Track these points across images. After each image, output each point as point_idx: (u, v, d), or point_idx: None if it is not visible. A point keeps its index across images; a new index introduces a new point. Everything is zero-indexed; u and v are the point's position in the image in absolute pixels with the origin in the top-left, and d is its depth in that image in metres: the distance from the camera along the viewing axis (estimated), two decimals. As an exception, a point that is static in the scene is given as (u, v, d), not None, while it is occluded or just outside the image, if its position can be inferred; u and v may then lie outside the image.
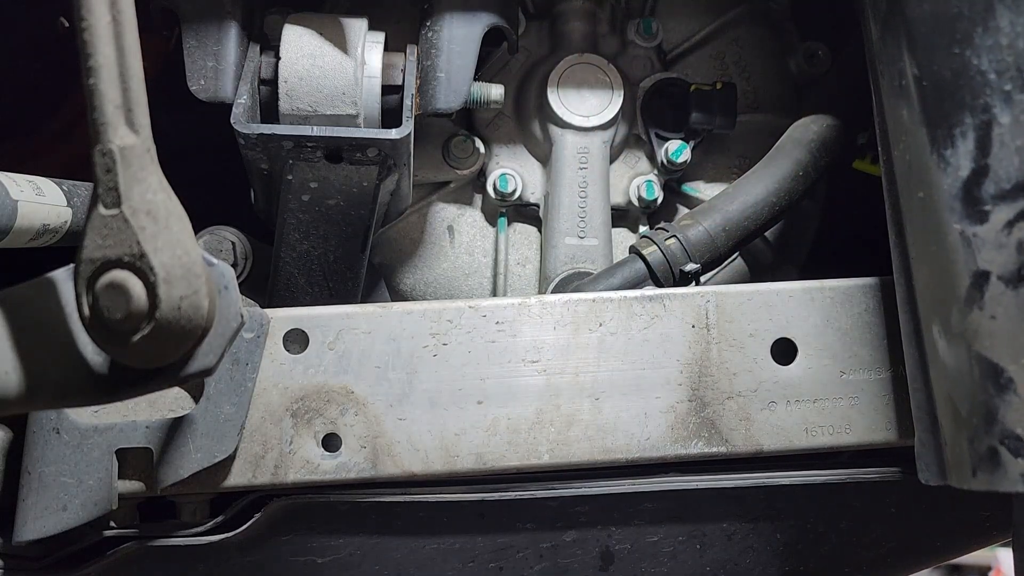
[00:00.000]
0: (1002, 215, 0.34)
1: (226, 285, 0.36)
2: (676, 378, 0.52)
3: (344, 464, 0.50)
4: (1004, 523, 0.57)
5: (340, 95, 0.57)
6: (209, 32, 0.59)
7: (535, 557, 0.53)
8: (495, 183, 0.71)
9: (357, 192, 0.58)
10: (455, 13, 0.62)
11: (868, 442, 0.52)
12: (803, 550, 0.55)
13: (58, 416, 0.48)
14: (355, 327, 0.51)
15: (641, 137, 0.74)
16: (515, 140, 0.74)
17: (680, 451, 0.52)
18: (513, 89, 0.73)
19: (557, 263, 0.69)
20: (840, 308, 0.53)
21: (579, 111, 0.70)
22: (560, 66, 0.71)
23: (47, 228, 0.52)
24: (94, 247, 0.31)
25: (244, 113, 0.56)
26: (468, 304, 0.52)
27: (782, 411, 0.52)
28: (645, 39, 0.74)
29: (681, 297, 0.53)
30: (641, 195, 0.72)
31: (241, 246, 0.65)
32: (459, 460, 0.50)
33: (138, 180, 0.31)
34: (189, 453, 0.48)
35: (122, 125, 0.31)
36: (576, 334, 0.52)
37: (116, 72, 0.31)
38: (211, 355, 0.35)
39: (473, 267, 0.73)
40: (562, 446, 0.51)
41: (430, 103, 0.61)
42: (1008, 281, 0.34)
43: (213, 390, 0.49)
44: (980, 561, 2.49)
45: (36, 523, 0.47)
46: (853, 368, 0.53)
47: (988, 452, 0.36)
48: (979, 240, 0.35)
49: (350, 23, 0.59)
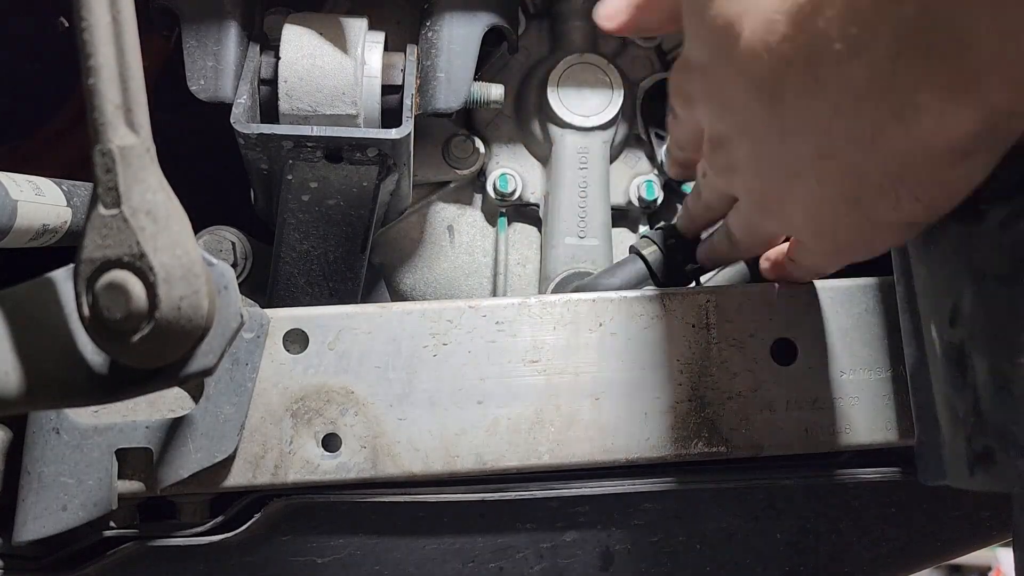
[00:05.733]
0: (999, 213, 0.34)
1: (226, 285, 0.36)
2: (676, 378, 0.52)
3: (344, 464, 0.50)
4: (1004, 523, 0.57)
5: (340, 95, 0.57)
6: (209, 32, 0.59)
7: (535, 557, 0.53)
8: (495, 183, 0.71)
9: (357, 192, 0.58)
10: (455, 13, 0.62)
11: (868, 442, 0.52)
12: (803, 550, 0.55)
13: (58, 416, 0.48)
14: (355, 327, 0.51)
15: (641, 137, 0.74)
16: (515, 140, 0.74)
17: (680, 451, 0.52)
18: (513, 89, 0.74)
19: (557, 263, 0.69)
20: (840, 308, 0.53)
21: (579, 111, 0.70)
22: (560, 66, 0.71)
23: (47, 228, 0.52)
24: (94, 247, 0.31)
25: (244, 113, 0.56)
26: (468, 304, 0.52)
27: (782, 411, 0.52)
28: (645, 39, 0.74)
29: (681, 297, 0.53)
30: (641, 195, 0.72)
31: (241, 246, 0.65)
32: (459, 460, 0.50)
33: (138, 180, 0.31)
34: (189, 453, 0.48)
35: (122, 125, 0.31)
36: (576, 334, 0.52)
37: (116, 72, 0.31)
38: (211, 355, 0.35)
39: (473, 267, 0.73)
40: (562, 446, 0.51)
41: (430, 103, 0.61)
42: (1004, 280, 0.34)
43: (213, 390, 0.49)
44: (980, 561, 2.49)
45: (36, 523, 0.47)
46: (853, 368, 0.53)
47: (985, 451, 0.36)
48: (976, 239, 0.35)
49: (350, 23, 0.59)
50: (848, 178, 0.33)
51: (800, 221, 0.39)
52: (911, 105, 0.29)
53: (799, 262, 0.49)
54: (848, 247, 0.39)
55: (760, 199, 0.41)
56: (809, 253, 0.46)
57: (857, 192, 0.34)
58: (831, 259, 0.43)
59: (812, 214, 0.37)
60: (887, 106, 0.29)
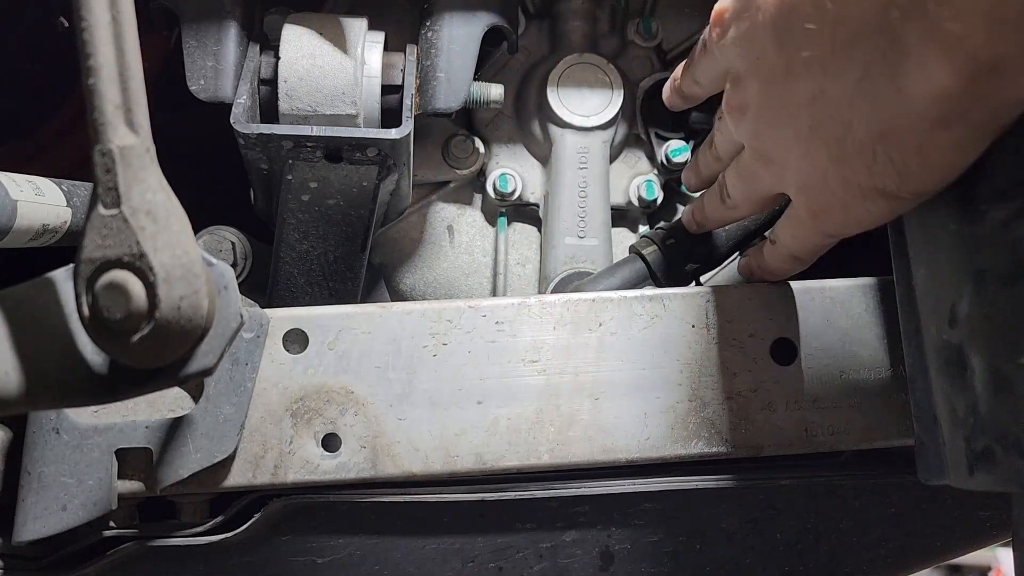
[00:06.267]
0: (998, 214, 0.34)
1: (226, 285, 0.36)
2: (676, 378, 0.52)
3: (344, 464, 0.50)
4: (1004, 523, 0.57)
5: (340, 95, 0.57)
6: (209, 32, 0.59)
7: (535, 557, 0.53)
8: (495, 183, 0.71)
9: (357, 192, 0.58)
10: (455, 13, 0.62)
11: (868, 442, 0.52)
12: (803, 550, 0.55)
13: (58, 416, 0.48)
14: (355, 327, 0.51)
15: (641, 137, 0.74)
16: (515, 140, 0.74)
17: (680, 451, 0.52)
18: (513, 89, 0.74)
19: (557, 263, 0.69)
20: (840, 308, 0.53)
21: (579, 111, 0.70)
22: (560, 66, 0.71)
23: (47, 228, 0.52)
24: (94, 247, 0.31)
25: (244, 113, 0.56)
26: (468, 304, 0.52)
27: (782, 411, 0.52)
28: (645, 39, 0.74)
29: (681, 297, 0.53)
30: (641, 195, 0.72)
31: (241, 246, 0.65)
32: (459, 460, 0.50)
33: (138, 180, 0.31)
34: (189, 453, 0.48)
35: (122, 125, 0.31)
36: (576, 334, 0.52)
37: (116, 72, 0.31)
38: (211, 355, 0.35)
39: (473, 267, 0.73)
40: (562, 446, 0.51)
41: (430, 103, 0.61)
42: (1004, 280, 0.34)
43: (213, 390, 0.49)
44: (980, 561, 2.49)
45: (36, 523, 0.47)
46: (853, 368, 0.53)
47: (985, 451, 0.36)
48: (975, 239, 0.35)
49: (350, 23, 0.59)
50: (835, 125, 0.36)
51: (789, 172, 0.43)
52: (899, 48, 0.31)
53: (779, 241, 0.50)
54: (825, 212, 0.42)
55: (760, 144, 0.44)
56: (789, 224, 0.48)
57: (841, 146, 0.37)
58: (809, 228, 0.45)
59: (800, 166, 0.41)
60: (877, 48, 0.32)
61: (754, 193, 0.49)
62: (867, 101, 0.34)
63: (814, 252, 0.48)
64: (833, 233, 0.44)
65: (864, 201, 0.38)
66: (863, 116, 0.35)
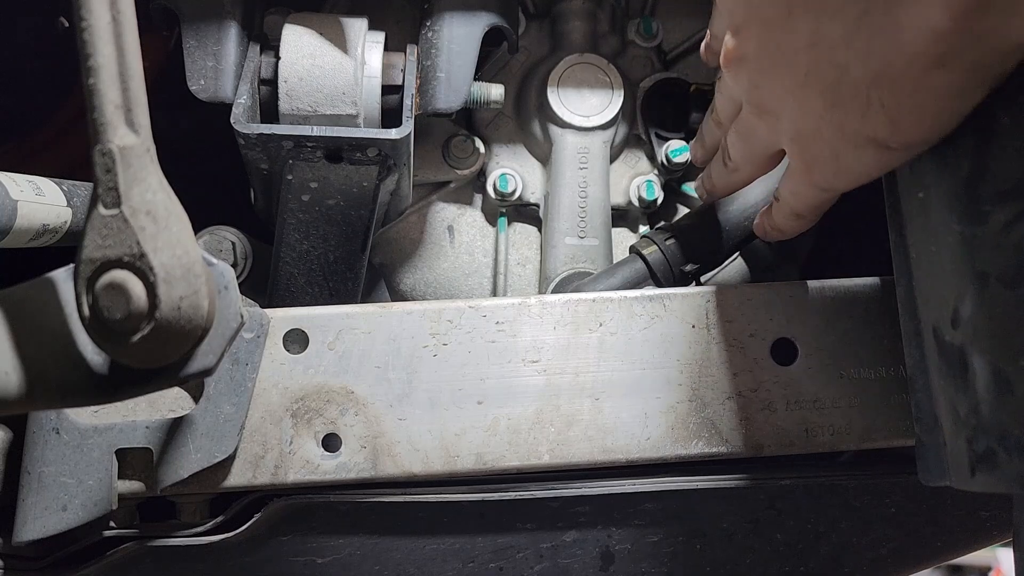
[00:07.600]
0: (1001, 216, 0.34)
1: (226, 285, 0.36)
2: (676, 378, 0.52)
3: (344, 464, 0.50)
4: (1004, 523, 0.57)
5: (340, 95, 0.57)
6: (209, 32, 0.59)
7: (535, 557, 0.53)
8: (495, 183, 0.71)
9: (357, 192, 0.58)
10: (455, 13, 0.62)
11: (868, 442, 0.52)
12: (803, 550, 0.55)
13: (58, 416, 0.48)
14: (355, 327, 0.51)
15: (641, 137, 0.74)
16: (515, 140, 0.74)
17: (680, 451, 0.52)
18: (513, 89, 0.73)
19: (557, 263, 0.69)
20: (840, 308, 0.53)
21: (579, 111, 0.70)
22: (560, 66, 0.71)
23: (47, 228, 0.52)
24: (94, 247, 0.31)
25: (244, 113, 0.56)
26: (468, 304, 0.52)
27: (782, 411, 0.52)
28: (645, 39, 0.74)
29: (681, 297, 0.53)
30: (641, 195, 0.72)
31: (241, 246, 0.65)
32: (459, 460, 0.50)
33: (138, 180, 0.31)
34: (189, 453, 0.48)
35: (122, 125, 0.31)
36: (576, 334, 0.52)
37: (116, 72, 0.31)
38: (211, 355, 0.35)
39: (473, 267, 0.73)
40: (562, 446, 0.51)
41: (430, 103, 0.61)
42: (1006, 282, 0.34)
43: (213, 390, 0.49)
44: (980, 561, 2.49)
45: (36, 523, 0.47)
46: (853, 368, 0.53)
47: (986, 452, 0.36)
48: (978, 241, 0.35)
49: (350, 23, 0.59)
50: (831, 70, 0.37)
51: (785, 122, 0.43)
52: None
53: (781, 198, 0.50)
54: (817, 162, 0.42)
55: (757, 95, 0.44)
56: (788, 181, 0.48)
57: (835, 92, 0.37)
58: (804, 181, 0.45)
59: (795, 115, 0.41)
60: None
61: (753, 151, 0.50)
62: (864, 40, 0.34)
63: (814, 209, 0.48)
64: (825, 186, 0.44)
65: (855, 150, 0.38)
66: (860, 57, 0.35)
